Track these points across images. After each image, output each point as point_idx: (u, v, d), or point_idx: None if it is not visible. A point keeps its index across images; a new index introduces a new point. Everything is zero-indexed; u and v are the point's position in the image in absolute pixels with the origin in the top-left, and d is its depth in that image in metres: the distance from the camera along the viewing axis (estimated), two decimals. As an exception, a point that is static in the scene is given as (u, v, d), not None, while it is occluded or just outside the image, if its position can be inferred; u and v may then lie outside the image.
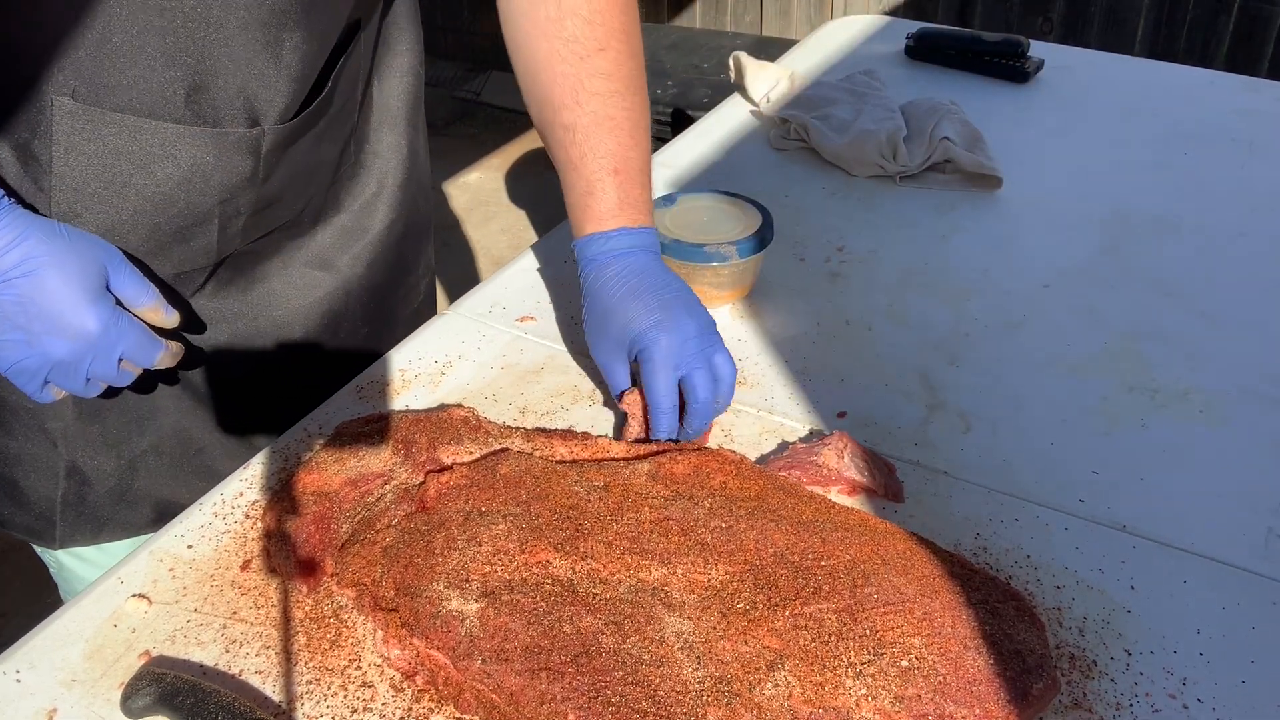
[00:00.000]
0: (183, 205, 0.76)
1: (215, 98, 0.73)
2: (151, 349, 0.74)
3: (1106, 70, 1.43)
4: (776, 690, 0.57)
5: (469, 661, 0.59)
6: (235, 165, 0.76)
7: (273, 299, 0.88)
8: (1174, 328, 0.93)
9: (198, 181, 0.75)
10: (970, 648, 0.59)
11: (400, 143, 0.95)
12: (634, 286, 0.81)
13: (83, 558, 0.91)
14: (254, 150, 0.76)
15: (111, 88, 0.70)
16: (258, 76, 0.74)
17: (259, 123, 0.76)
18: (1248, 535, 0.72)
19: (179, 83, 0.71)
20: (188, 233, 0.78)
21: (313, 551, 0.69)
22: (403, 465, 0.73)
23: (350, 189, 0.92)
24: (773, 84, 1.33)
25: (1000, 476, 0.77)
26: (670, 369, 0.77)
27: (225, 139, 0.75)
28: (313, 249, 0.90)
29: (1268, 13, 2.47)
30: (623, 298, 0.81)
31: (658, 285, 0.81)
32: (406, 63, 0.94)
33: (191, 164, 0.74)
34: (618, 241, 0.82)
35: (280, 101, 0.76)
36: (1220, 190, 1.14)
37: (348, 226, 0.92)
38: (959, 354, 0.90)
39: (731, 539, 0.66)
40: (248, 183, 0.78)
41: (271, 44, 0.73)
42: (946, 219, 1.10)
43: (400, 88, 0.94)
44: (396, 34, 0.93)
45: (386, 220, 0.94)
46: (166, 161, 0.74)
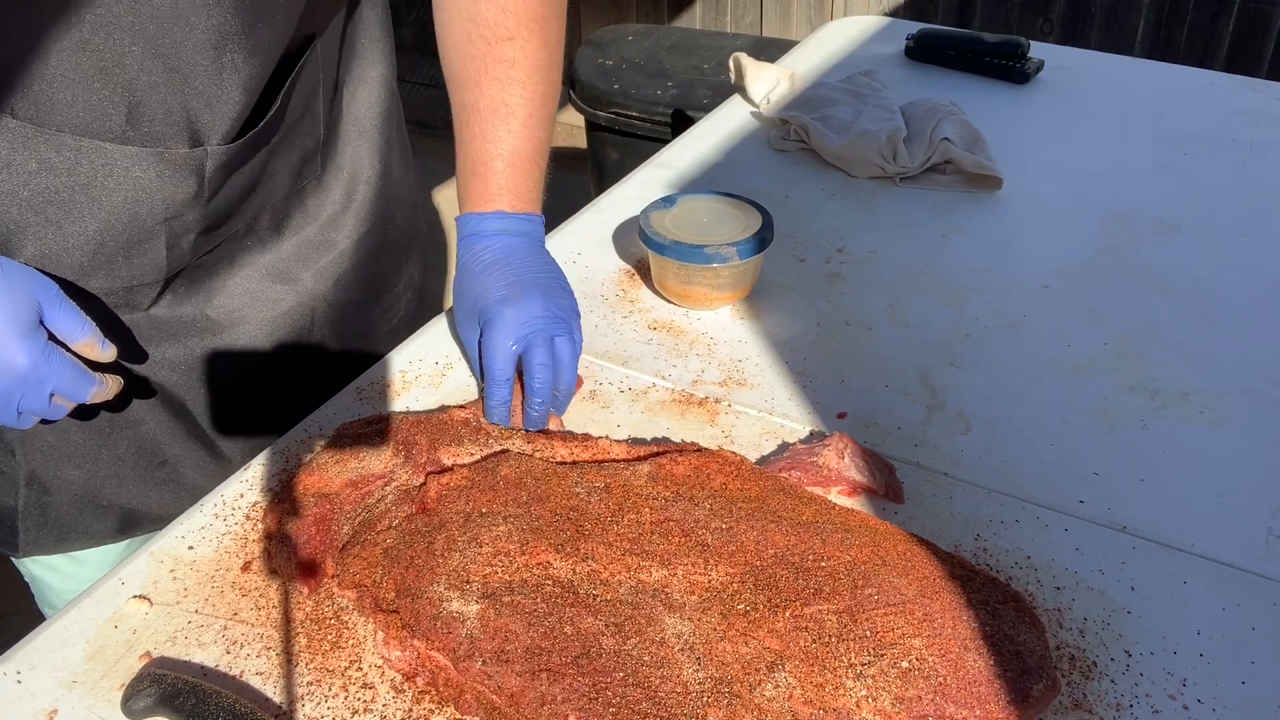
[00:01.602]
0: (126, 223, 0.75)
1: (155, 118, 0.73)
2: (84, 385, 0.72)
3: (1106, 70, 1.43)
4: (777, 691, 0.57)
5: (469, 663, 0.59)
6: (178, 185, 0.75)
7: (231, 312, 0.86)
8: (1174, 328, 0.93)
9: (141, 201, 0.75)
10: (971, 649, 0.59)
11: (371, 156, 0.93)
12: (494, 262, 0.83)
13: (53, 567, 0.91)
14: (197, 170, 0.76)
15: (51, 106, 0.69)
16: (199, 96, 0.73)
17: (202, 142, 0.75)
18: (1248, 535, 0.72)
19: (117, 102, 0.71)
20: (133, 249, 0.77)
21: (313, 553, 0.69)
22: (403, 467, 0.73)
23: (316, 202, 0.90)
24: (773, 85, 1.33)
25: (1000, 477, 0.77)
26: (507, 341, 0.79)
27: (166, 159, 0.74)
28: (273, 262, 0.88)
29: (1268, 13, 2.47)
30: (480, 271, 0.83)
31: (519, 264, 0.83)
32: (377, 74, 0.93)
33: (133, 184, 0.74)
34: (492, 223, 0.84)
35: (224, 121, 0.75)
36: (1220, 191, 1.14)
37: (313, 240, 0.91)
38: (959, 354, 0.90)
39: (732, 540, 0.66)
40: (193, 201, 0.77)
41: (213, 63, 0.72)
42: (946, 219, 1.10)
43: (370, 99, 0.93)
44: (366, 45, 0.92)
45: (355, 235, 0.93)
46: (108, 181, 0.73)
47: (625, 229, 1.09)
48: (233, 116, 0.75)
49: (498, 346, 0.79)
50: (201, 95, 0.73)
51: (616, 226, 1.10)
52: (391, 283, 1.00)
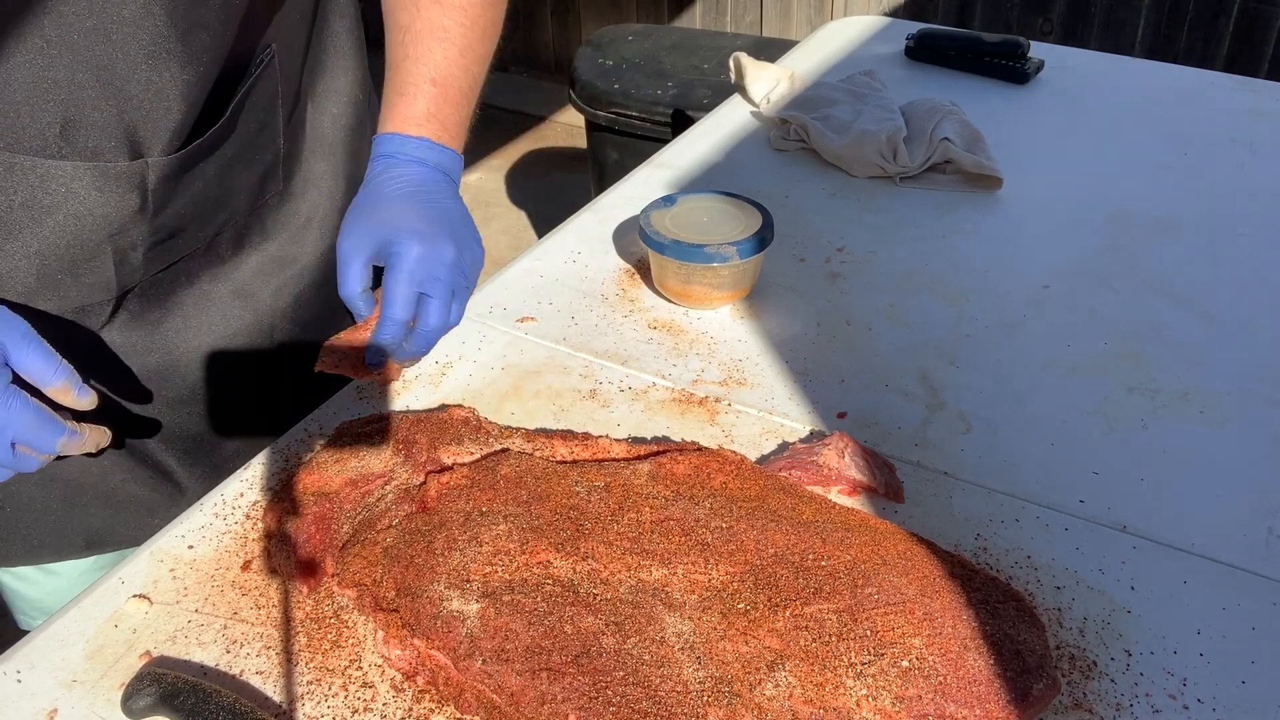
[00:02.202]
0: (70, 241, 0.73)
1: (91, 131, 0.70)
2: (49, 434, 0.66)
3: (1106, 71, 1.43)
4: (777, 690, 0.57)
5: (470, 662, 0.59)
6: (120, 199, 0.73)
7: (187, 331, 0.84)
8: (1174, 328, 0.93)
9: (83, 217, 0.73)
10: (971, 648, 0.59)
11: (336, 172, 0.91)
12: (412, 192, 0.78)
13: (23, 577, 0.90)
14: (139, 183, 0.74)
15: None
16: (136, 107, 0.71)
17: (142, 154, 0.73)
18: (1248, 535, 0.72)
19: (50, 117, 0.69)
20: (80, 268, 0.75)
21: (313, 552, 0.69)
22: (403, 466, 0.73)
23: (278, 218, 0.88)
24: (773, 85, 1.33)
25: (1001, 477, 0.77)
26: (413, 282, 0.75)
27: (106, 173, 0.72)
28: (233, 279, 0.86)
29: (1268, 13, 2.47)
30: (395, 197, 0.77)
31: (439, 203, 0.78)
32: (344, 88, 0.91)
33: (73, 200, 0.72)
34: (417, 149, 0.79)
35: (164, 132, 0.73)
36: (1220, 191, 1.14)
37: (274, 256, 0.89)
38: (959, 354, 0.90)
39: (732, 539, 0.66)
40: (137, 216, 0.75)
41: (147, 73, 0.70)
42: (946, 219, 1.10)
43: (336, 114, 0.91)
44: (333, 58, 0.90)
45: (317, 251, 0.91)
46: (46, 199, 0.71)
47: (625, 229, 1.09)
48: (172, 127, 0.73)
49: (401, 286, 0.74)
50: (138, 107, 0.71)
51: (616, 226, 1.10)
52: None
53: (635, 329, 0.94)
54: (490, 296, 1.00)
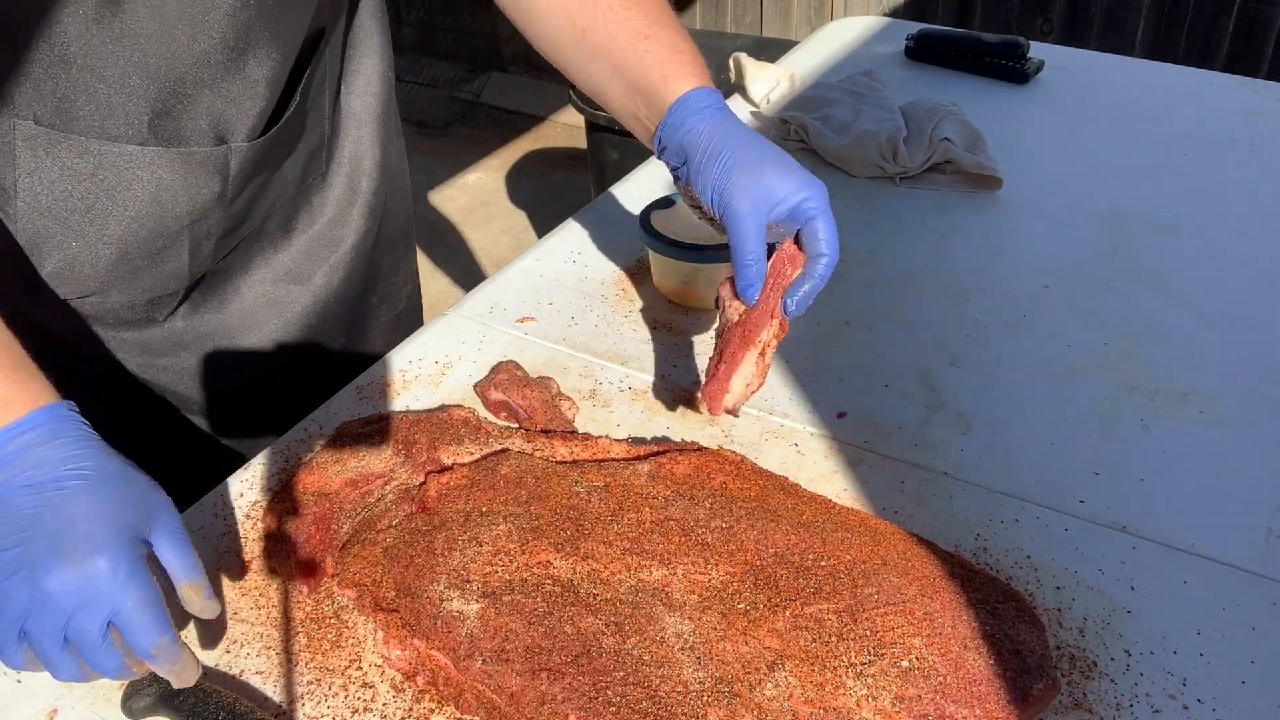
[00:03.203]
0: (151, 228, 0.74)
1: (180, 119, 0.72)
2: (154, 627, 0.56)
3: (1106, 71, 1.43)
4: (777, 691, 0.57)
5: (470, 662, 0.59)
6: (203, 185, 0.75)
7: (246, 317, 0.86)
8: (1174, 328, 0.93)
9: (165, 202, 0.74)
10: (970, 648, 0.59)
11: (373, 149, 0.93)
12: (778, 150, 0.76)
13: None
14: (222, 169, 0.75)
15: (74, 112, 0.68)
16: (223, 95, 0.72)
17: (226, 140, 0.74)
18: (1248, 535, 0.72)
19: (143, 107, 0.70)
20: (158, 256, 0.76)
21: (313, 552, 0.69)
22: (403, 466, 0.73)
23: (321, 199, 0.90)
24: (773, 85, 1.33)
25: (1000, 477, 0.77)
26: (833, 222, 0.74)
27: (192, 159, 0.73)
28: (284, 263, 0.88)
29: (1268, 13, 2.47)
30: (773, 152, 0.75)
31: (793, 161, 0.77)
32: (375, 66, 0.92)
33: (158, 185, 0.73)
34: (727, 108, 0.77)
35: (248, 118, 0.74)
36: (1220, 191, 1.14)
37: (321, 238, 0.90)
38: (959, 354, 0.90)
39: (732, 539, 0.66)
40: (216, 203, 0.76)
41: (237, 62, 0.71)
42: (946, 219, 1.10)
43: (369, 93, 0.92)
44: (363, 37, 0.91)
45: (360, 230, 0.92)
46: (133, 184, 0.72)
47: (625, 229, 1.09)
48: (256, 112, 0.75)
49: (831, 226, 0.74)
50: (226, 94, 0.72)
51: (616, 226, 1.09)
52: (389, 273, 1.00)
53: (635, 329, 0.94)
54: (490, 296, 1.00)
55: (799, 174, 0.75)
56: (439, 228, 3.05)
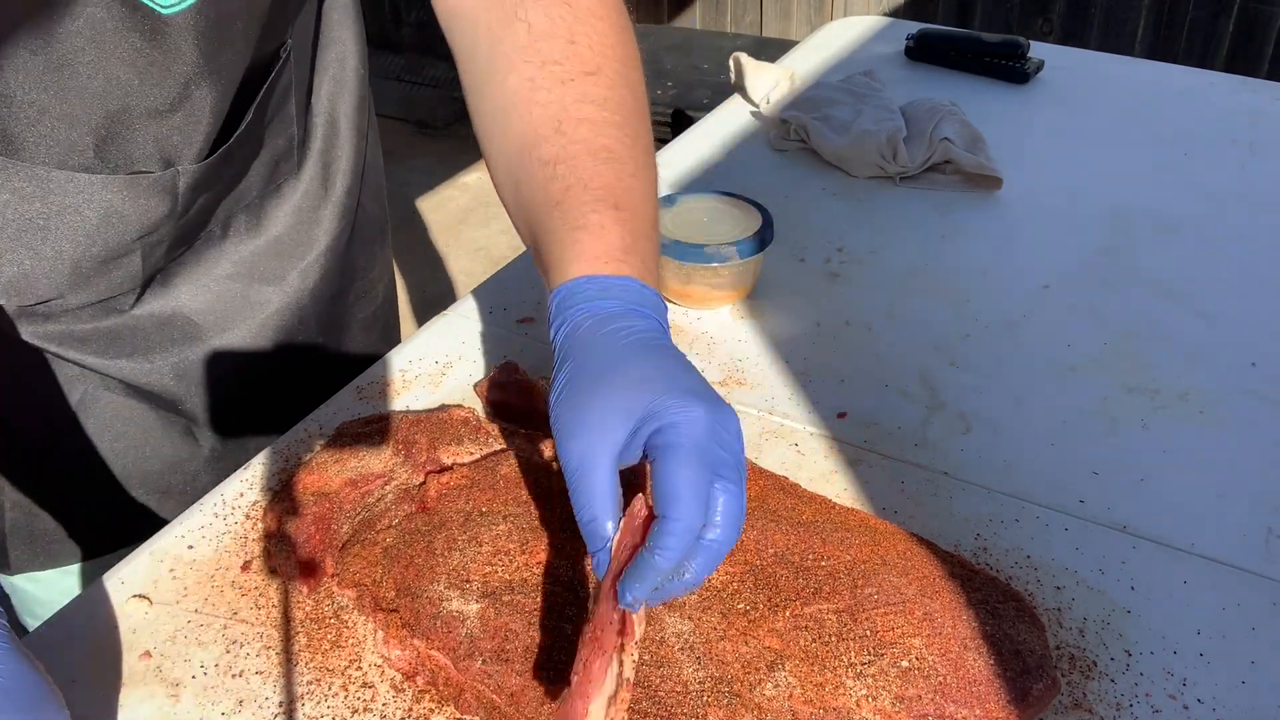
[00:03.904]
0: (102, 245, 0.74)
1: (126, 146, 0.72)
2: None
3: (1106, 71, 1.43)
4: (777, 691, 0.57)
5: (470, 662, 0.59)
6: (152, 206, 0.74)
7: (218, 317, 0.85)
8: (1174, 328, 0.93)
9: (114, 224, 0.74)
10: (970, 648, 0.59)
11: (346, 148, 0.92)
12: (653, 346, 0.58)
13: (35, 579, 0.90)
14: (170, 190, 0.75)
15: (18, 142, 0.68)
16: (168, 124, 0.72)
17: (174, 163, 0.74)
18: (1248, 535, 0.72)
19: (87, 137, 0.70)
20: (110, 266, 0.76)
21: (313, 552, 0.69)
22: (403, 466, 0.73)
23: (292, 197, 0.89)
24: (773, 85, 1.33)
25: (1000, 477, 0.77)
26: (705, 463, 0.52)
27: (139, 183, 0.73)
28: (254, 263, 0.87)
29: (1268, 13, 2.47)
30: (630, 354, 0.57)
31: (686, 362, 0.58)
32: (347, 66, 0.91)
33: (107, 208, 0.73)
34: (630, 294, 0.60)
35: (195, 143, 0.74)
36: (1220, 190, 1.14)
37: (293, 238, 0.89)
38: (959, 354, 0.90)
39: (732, 539, 0.66)
40: (166, 219, 0.76)
41: (179, 97, 0.71)
42: (946, 219, 1.10)
43: (341, 92, 0.91)
44: (333, 39, 0.90)
45: (334, 229, 0.91)
46: (83, 208, 0.72)
47: (625, 229, 1.09)
48: (202, 137, 0.74)
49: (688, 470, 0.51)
50: (169, 123, 0.72)
51: (616, 226, 1.09)
52: (365, 269, 0.99)
53: (635, 329, 0.94)
54: (490, 297, 1.00)
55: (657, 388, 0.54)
56: (439, 227, 3.05)
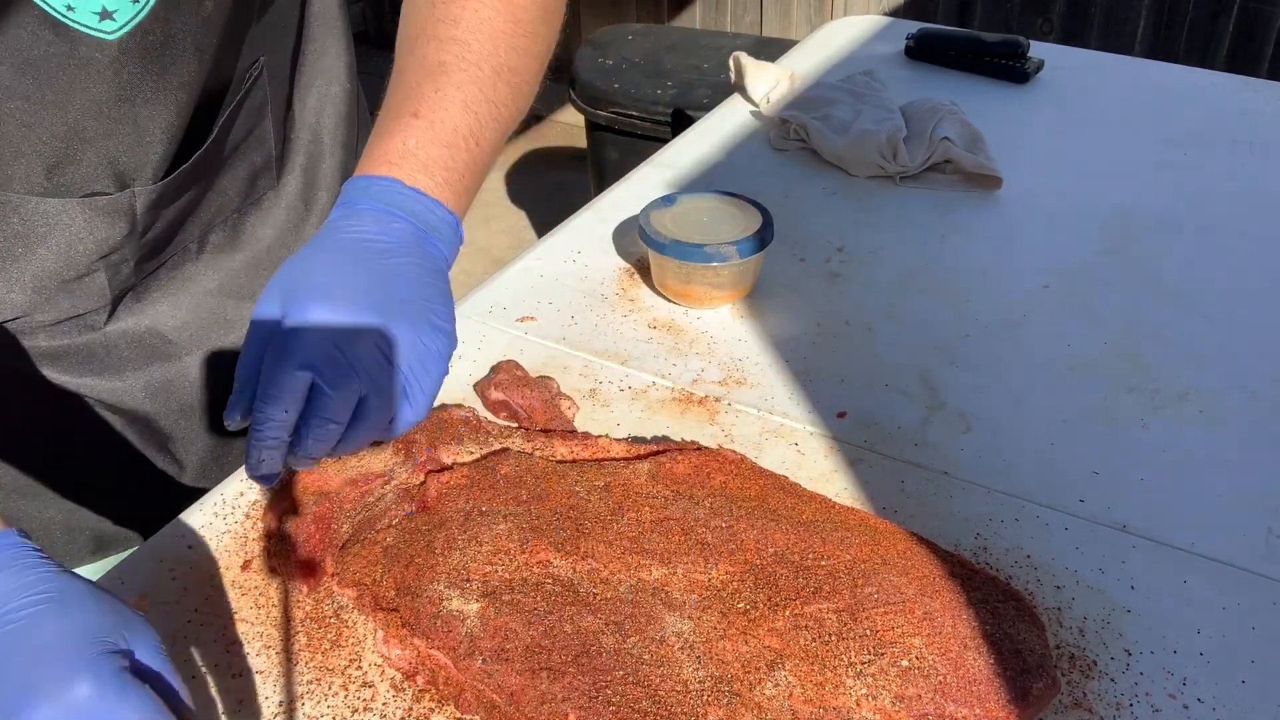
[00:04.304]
0: (62, 265, 0.73)
1: (77, 169, 0.70)
2: None
3: (1106, 70, 1.43)
4: (777, 690, 0.57)
5: (470, 661, 0.59)
6: (109, 227, 0.73)
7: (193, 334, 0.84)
8: (1174, 328, 0.93)
9: (73, 244, 0.73)
10: (970, 647, 0.59)
11: (330, 162, 0.91)
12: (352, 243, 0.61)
13: None
14: (127, 212, 0.73)
15: None
16: (118, 144, 0.71)
17: (129, 184, 0.72)
18: (1248, 535, 0.72)
19: (36, 161, 0.68)
20: (73, 285, 0.75)
21: (313, 551, 0.69)
22: (403, 465, 0.73)
23: (272, 214, 0.88)
24: (773, 84, 1.33)
25: (1000, 476, 0.77)
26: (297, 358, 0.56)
27: (94, 205, 0.71)
28: (230, 278, 0.85)
29: (1268, 13, 2.47)
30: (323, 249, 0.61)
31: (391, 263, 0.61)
32: (333, 81, 0.90)
33: (64, 230, 0.72)
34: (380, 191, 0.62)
35: (149, 164, 0.73)
36: (1220, 190, 1.14)
37: (273, 253, 0.88)
38: (959, 354, 0.90)
39: (732, 539, 0.66)
40: (126, 239, 0.75)
41: (126, 114, 0.70)
42: (946, 219, 1.10)
43: (326, 107, 0.90)
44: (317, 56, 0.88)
45: None
46: (39, 229, 0.71)
47: (625, 228, 1.09)
48: (156, 159, 0.73)
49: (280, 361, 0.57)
50: (120, 144, 0.71)
51: (616, 226, 1.09)
52: None
53: (635, 328, 0.94)
54: (490, 296, 1.00)
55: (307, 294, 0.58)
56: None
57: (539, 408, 0.81)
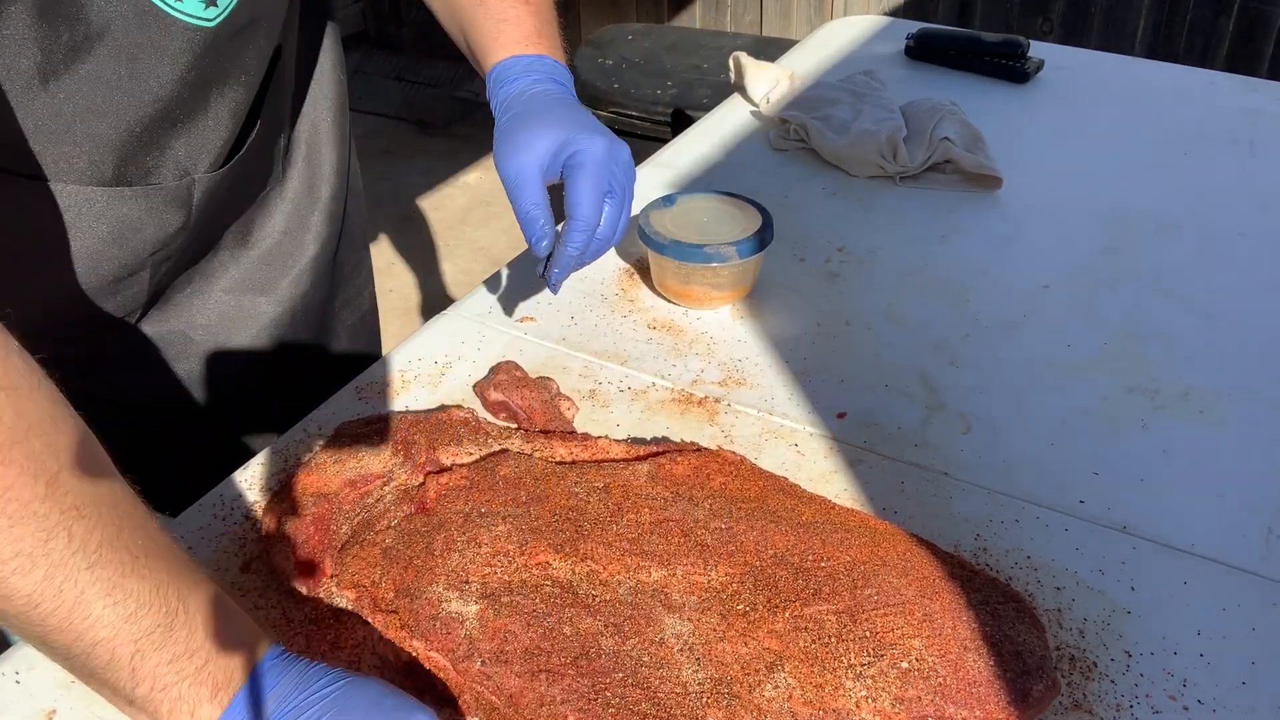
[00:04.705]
0: (113, 262, 0.73)
1: (145, 158, 0.71)
2: None
3: (1106, 70, 1.43)
4: (776, 692, 0.57)
5: (469, 663, 0.59)
6: (167, 218, 0.74)
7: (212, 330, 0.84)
8: (1174, 328, 0.93)
9: (129, 237, 0.73)
10: (970, 649, 0.59)
11: (330, 155, 0.91)
12: (565, 101, 0.78)
13: None
14: (185, 201, 0.74)
15: (35, 158, 0.67)
16: (189, 130, 0.71)
17: (189, 173, 0.73)
18: (1248, 535, 0.72)
19: (109, 151, 0.69)
20: (119, 285, 0.75)
21: (312, 553, 0.68)
22: (402, 466, 0.73)
23: (280, 209, 0.88)
24: (773, 84, 1.33)
25: (1000, 477, 0.77)
26: (601, 180, 0.74)
27: (155, 194, 0.72)
28: (246, 274, 0.86)
29: (1268, 13, 2.47)
30: (549, 106, 0.77)
31: (588, 113, 0.79)
32: (327, 73, 0.90)
33: (121, 222, 0.72)
34: (545, 66, 0.79)
35: (212, 151, 0.73)
36: (1220, 190, 1.14)
37: (282, 247, 0.89)
38: (959, 354, 0.90)
39: (731, 540, 0.66)
40: (179, 231, 0.75)
41: (202, 98, 0.70)
42: (946, 219, 1.10)
43: (322, 100, 0.91)
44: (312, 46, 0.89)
45: (322, 236, 0.91)
46: (96, 222, 0.71)
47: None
48: (220, 144, 0.74)
49: (589, 184, 0.74)
50: (191, 129, 0.71)
51: (616, 226, 1.09)
52: (351, 276, 0.99)
53: (635, 329, 0.94)
54: (490, 296, 1.00)
55: (572, 127, 0.74)
56: (439, 227, 3.05)
57: (538, 408, 0.81)
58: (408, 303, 2.71)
